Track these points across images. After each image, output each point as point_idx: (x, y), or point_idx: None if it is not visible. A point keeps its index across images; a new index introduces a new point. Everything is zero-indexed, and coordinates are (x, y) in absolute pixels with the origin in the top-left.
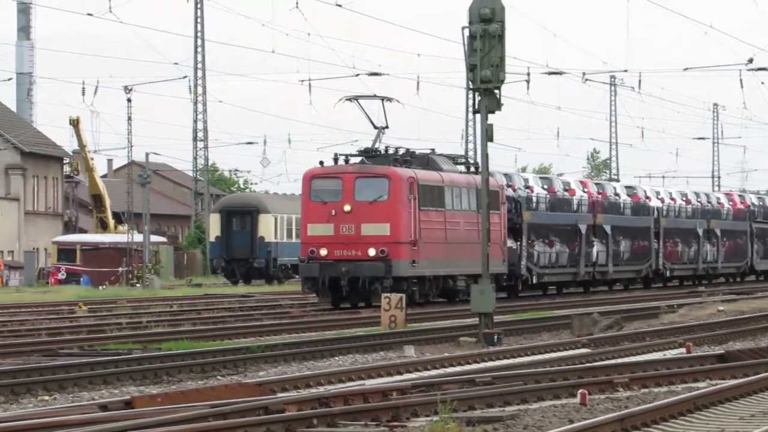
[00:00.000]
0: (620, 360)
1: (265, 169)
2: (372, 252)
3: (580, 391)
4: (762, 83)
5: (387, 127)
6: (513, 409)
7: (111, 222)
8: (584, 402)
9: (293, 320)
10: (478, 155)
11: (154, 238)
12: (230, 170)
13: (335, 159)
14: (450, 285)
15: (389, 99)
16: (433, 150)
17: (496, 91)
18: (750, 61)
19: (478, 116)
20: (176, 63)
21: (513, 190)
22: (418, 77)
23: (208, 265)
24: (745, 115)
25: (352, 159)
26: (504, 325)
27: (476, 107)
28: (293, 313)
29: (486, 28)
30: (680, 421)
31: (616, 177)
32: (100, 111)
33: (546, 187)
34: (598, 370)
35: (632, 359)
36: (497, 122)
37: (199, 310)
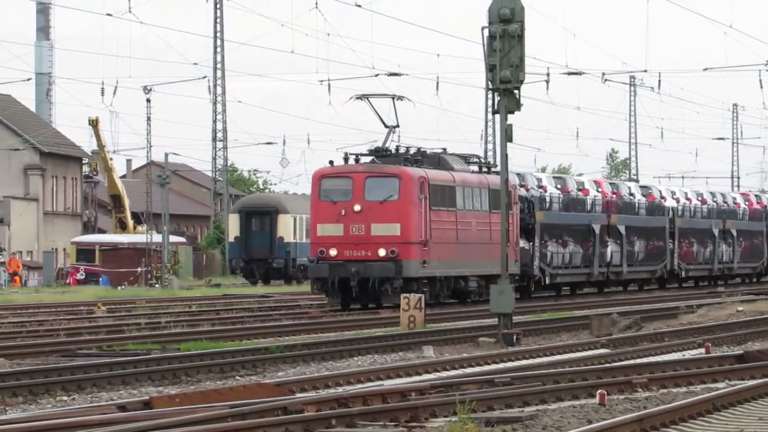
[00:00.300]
0: (639, 360)
1: (285, 170)
2: (382, 252)
3: (599, 392)
4: None
5: (398, 126)
6: (532, 410)
7: (130, 222)
8: (603, 402)
9: (312, 320)
10: (498, 155)
11: (173, 239)
12: (249, 170)
13: (345, 158)
14: (461, 286)
15: (400, 97)
16: (445, 149)
17: (516, 92)
18: None
19: (498, 116)
20: (196, 63)
21: (526, 190)
22: (438, 78)
23: (227, 266)
24: (765, 116)
25: (363, 158)
26: (523, 326)
27: (496, 107)
28: (312, 314)
29: (505, 29)
30: (699, 422)
31: (636, 177)
32: (120, 111)
33: (559, 187)
34: (617, 371)
35: (651, 359)
36: (516, 122)
37: (218, 311)
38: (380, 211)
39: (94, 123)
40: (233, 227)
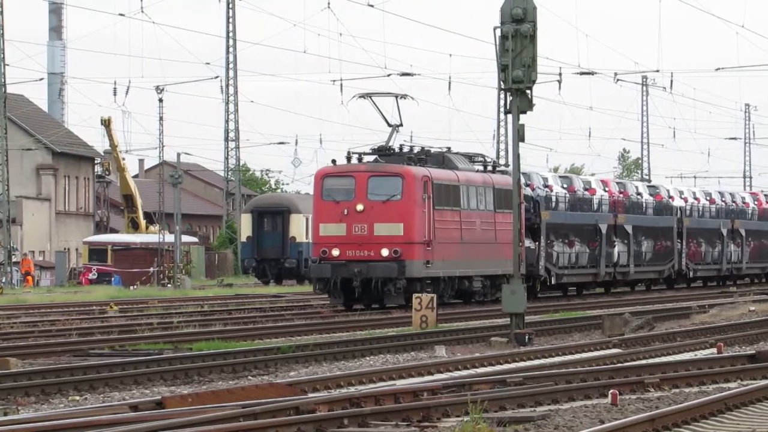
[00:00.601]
0: (651, 360)
1: (297, 169)
2: (385, 252)
3: (611, 392)
4: None
5: (401, 125)
6: (544, 410)
7: (142, 222)
8: (615, 402)
9: (324, 320)
10: (510, 155)
11: (186, 238)
12: (262, 170)
13: (348, 157)
14: (465, 286)
15: (403, 96)
16: (449, 148)
17: (528, 92)
18: None
19: (510, 116)
20: (208, 63)
21: (531, 189)
22: (450, 77)
23: (240, 265)
24: None
25: (366, 157)
26: (534, 326)
27: (508, 107)
28: (324, 314)
29: (518, 29)
30: (711, 422)
31: (648, 177)
32: (132, 111)
33: (566, 186)
34: (629, 371)
35: (663, 359)
36: (529, 122)
37: (230, 311)
38: (383, 211)
39: (107, 123)
40: (245, 227)
